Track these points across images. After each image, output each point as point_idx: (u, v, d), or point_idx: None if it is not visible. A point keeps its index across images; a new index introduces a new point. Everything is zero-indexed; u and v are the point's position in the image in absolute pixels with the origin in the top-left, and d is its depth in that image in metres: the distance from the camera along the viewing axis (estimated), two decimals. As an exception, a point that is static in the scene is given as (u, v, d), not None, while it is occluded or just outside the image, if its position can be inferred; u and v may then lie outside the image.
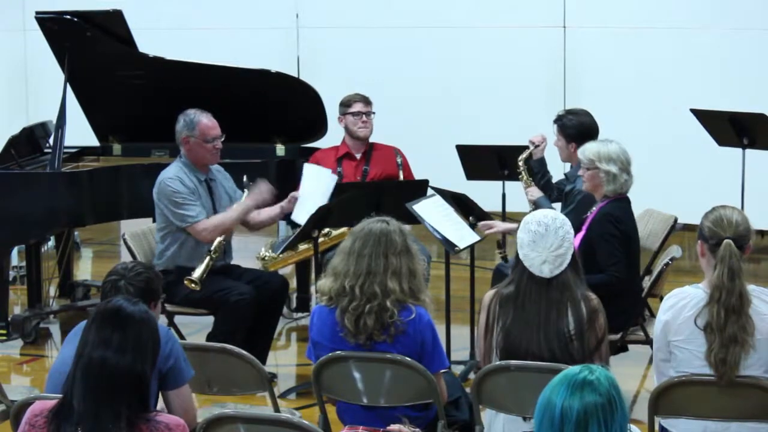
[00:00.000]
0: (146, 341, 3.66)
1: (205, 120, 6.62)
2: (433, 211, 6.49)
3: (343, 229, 6.92)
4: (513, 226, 6.44)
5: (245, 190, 6.74)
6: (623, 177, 5.93)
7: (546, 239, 4.55)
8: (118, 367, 3.57)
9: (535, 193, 6.81)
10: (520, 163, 6.91)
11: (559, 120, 6.73)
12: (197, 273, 6.45)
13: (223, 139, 6.66)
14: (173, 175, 6.57)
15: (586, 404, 2.97)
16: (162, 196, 6.58)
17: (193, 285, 6.44)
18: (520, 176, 6.94)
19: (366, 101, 7.50)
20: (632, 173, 5.98)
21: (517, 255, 4.65)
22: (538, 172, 6.96)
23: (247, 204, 6.70)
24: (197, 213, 6.53)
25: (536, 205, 6.57)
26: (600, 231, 5.88)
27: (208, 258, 6.51)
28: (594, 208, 6.06)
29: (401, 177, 7.39)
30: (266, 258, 7.24)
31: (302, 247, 7.17)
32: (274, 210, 6.88)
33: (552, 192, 6.92)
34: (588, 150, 6.00)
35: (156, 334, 3.74)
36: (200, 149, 6.60)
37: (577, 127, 6.63)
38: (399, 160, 7.46)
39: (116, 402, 3.55)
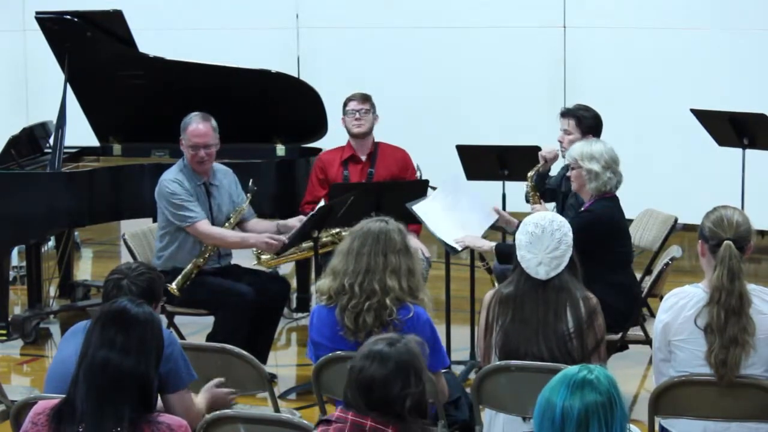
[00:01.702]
0: (150, 342, 3.66)
1: (194, 125, 6.53)
2: (431, 212, 6.48)
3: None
4: (485, 244, 6.35)
5: (248, 194, 6.73)
6: (606, 175, 5.89)
7: (542, 241, 4.56)
8: (121, 369, 3.57)
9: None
10: (529, 179, 6.82)
11: (573, 113, 6.68)
12: (176, 281, 6.43)
13: (210, 150, 6.52)
14: (173, 177, 6.56)
15: (587, 403, 2.97)
16: (161, 197, 6.58)
17: (174, 292, 6.43)
18: (528, 192, 6.83)
19: (362, 99, 7.41)
20: (619, 172, 5.92)
21: (516, 256, 4.66)
22: (537, 183, 6.90)
23: (251, 241, 6.67)
24: (197, 213, 6.53)
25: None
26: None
27: (191, 265, 6.50)
28: (582, 208, 6.06)
29: None
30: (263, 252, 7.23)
31: (305, 245, 7.15)
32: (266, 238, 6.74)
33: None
34: (573, 150, 6.00)
35: (160, 335, 3.74)
36: (187, 154, 6.59)
37: (595, 119, 6.64)
38: (418, 173, 7.42)
39: (119, 403, 3.55)
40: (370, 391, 3.42)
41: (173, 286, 6.43)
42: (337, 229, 6.96)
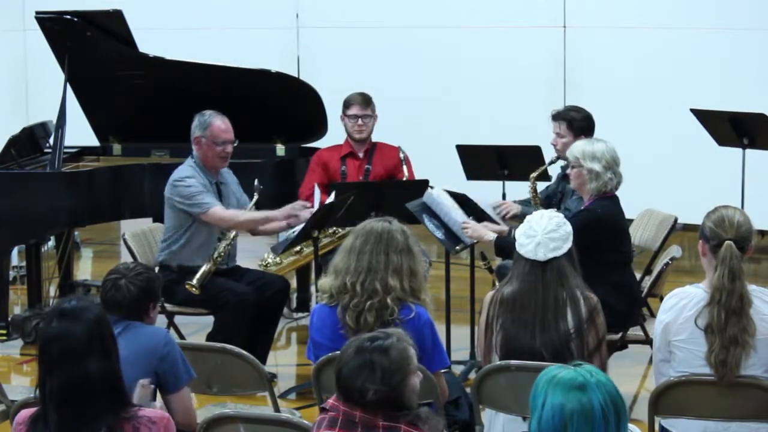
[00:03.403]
0: (95, 340, 3.55)
1: (218, 122, 6.63)
2: (448, 200, 6.46)
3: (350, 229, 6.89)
4: (488, 235, 6.33)
5: (255, 194, 6.74)
6: (607, 175, 5.87)
7: (540, 223, 4.58)
8: (89, 383, 3.49)
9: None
10: (531, 180, 6.81)
11: (564, 116, 6.66)
12: (197, 278, 6.45)
13: (235, 145, 6.68)
14: (187, 174, 6.59)
15: (590, 405, 2.97)
16: (174, 192, 6.58)
17: (193, 290, 6.45)
18: (531, 194, 6.81)
19: (364, 104, 7.41)
20: (619, 172, 5.91)
21: (515, 251, 4.65)
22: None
23: (273, 214, 6.68)
24: (211, 200, 6.55)
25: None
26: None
27: (211, 263, 6.51)
28: (581, 207, 6.06)
29: (405, 172, 7.34)
30: (269, 264, 7.22)
31: (306, 250, 7.15)
32: (281, 225, 6.85)
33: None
34: (575, 148, 5.99)
35: (105, 321, 3.64)
36: (209, 151, 6.62)
37: (587, 120, 6.62)
38: (402, 155, 7.41)
39: (95, 416, 3.49)
40: (338, 377, 3.59)
41: (194, 282, 6.44)
42: (334, 228, 6.98)
